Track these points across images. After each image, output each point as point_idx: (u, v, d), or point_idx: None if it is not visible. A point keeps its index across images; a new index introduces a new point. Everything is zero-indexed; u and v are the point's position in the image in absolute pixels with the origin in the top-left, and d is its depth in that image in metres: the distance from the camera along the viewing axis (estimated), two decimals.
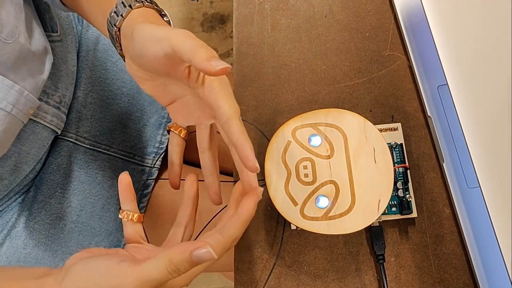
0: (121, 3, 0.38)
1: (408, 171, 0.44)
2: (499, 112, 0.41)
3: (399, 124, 0.45)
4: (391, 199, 0.43)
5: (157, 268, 0.30)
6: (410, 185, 0.43)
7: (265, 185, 0.41)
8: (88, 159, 0.58)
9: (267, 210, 0.46)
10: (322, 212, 0.40)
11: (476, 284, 0.41)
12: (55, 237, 0.55)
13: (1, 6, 0.42)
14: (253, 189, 0.36)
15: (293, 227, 0.43)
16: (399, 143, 0.45)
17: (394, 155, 0.44)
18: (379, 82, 0.48)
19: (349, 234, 0.44)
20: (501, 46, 0.43)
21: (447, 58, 0.43)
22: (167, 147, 0.55)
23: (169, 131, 0.42)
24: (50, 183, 0.56)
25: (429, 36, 0.44)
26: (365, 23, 0.50)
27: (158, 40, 0.33)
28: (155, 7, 0.40)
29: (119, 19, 0.38)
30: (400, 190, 0.43)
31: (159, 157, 0.62)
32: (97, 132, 0.59)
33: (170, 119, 0.57)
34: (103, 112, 0.60)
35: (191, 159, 0.62)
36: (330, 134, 0.42)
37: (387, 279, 0.42)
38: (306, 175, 0.41)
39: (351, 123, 0.42)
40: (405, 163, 0.44)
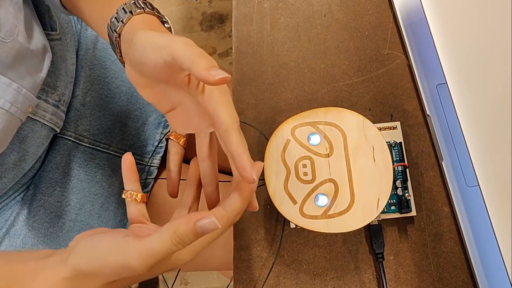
0: (122, 9, 0.38)
1: (407, 170, 0.44)
2: (498, 111, 0.41)
3: (398, 123, 0.45)
4: (390, 197, 0.43)
5: (162, 241, 0.30)
6: (409, 183, 0.44)
7: (264, 184, 0.41)
8: (87, 158, 0.58)
9: (266, 209, 0.46)
10: (321, 210, 0.40)
11: (475, 282, 0.42)
12: (54, 235, 0.55)
13: (0, 6, 0.42)
14: (254, 164, 0.36)
15: (292, 226, 0.43)
16: (398, 142, 0.45)
17: (393, 153, 0.44)
18: (378, 81, 0.48)
19: (348, 233, 0.44)
20: (500, 45, 0.43)
21: (446, 57, 0.43)
22: (166, 146, 0.55)
23: (167, 139, 0.42)
24: (49, 181, 0.56)
25: (428, 35, 0.44)
26: (364, 22, 0.50)
27: (158, 47, 0.33)
28: (156, 13, 0.40)
29: (120, 25, 0.38)
30: (399, 189, 0.43)
31: (158, 156, 0.62)
32: (96, 131, 0.59)
33: None
34: (102, 111, 0.60)
35: (190, 158, 0.61)
36: (329, 133, 0.42)
37: (386, 277, 0.42)
38: (305, 174, 0.41)
39: (350, 122, 0.42)
40: (404, 161, 0.44)
